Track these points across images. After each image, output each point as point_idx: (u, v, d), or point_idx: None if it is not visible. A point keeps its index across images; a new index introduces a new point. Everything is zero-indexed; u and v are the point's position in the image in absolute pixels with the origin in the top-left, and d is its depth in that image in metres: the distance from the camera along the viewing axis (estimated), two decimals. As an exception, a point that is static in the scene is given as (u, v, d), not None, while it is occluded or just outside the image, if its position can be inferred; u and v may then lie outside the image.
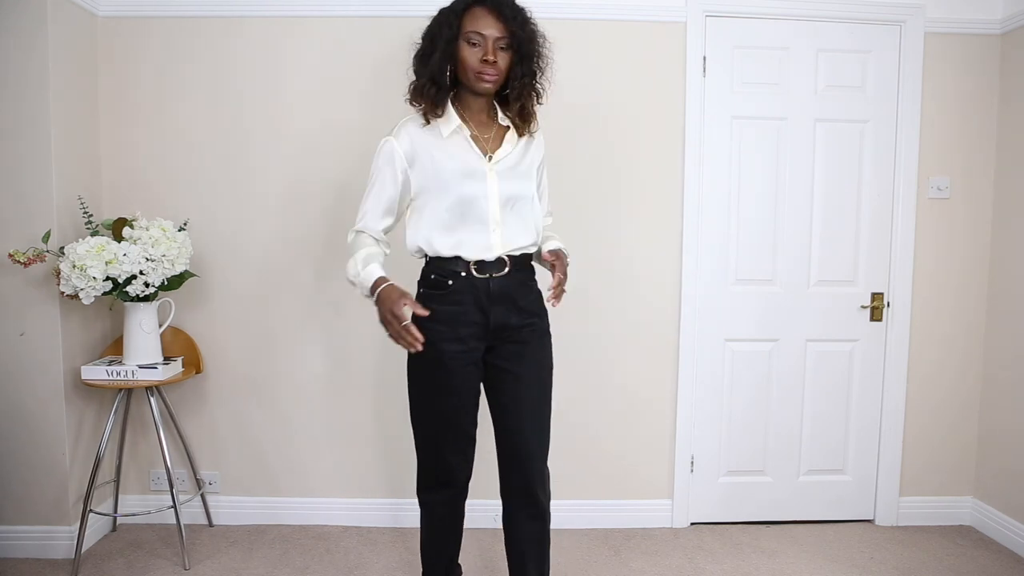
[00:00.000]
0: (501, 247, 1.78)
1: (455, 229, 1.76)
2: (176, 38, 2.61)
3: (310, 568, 2.45)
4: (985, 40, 2.70)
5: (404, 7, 2.58)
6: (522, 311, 1.83)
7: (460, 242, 1.76)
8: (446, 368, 1.77)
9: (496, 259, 1.77)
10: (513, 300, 1.80)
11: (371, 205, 1.81)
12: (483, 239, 1.76)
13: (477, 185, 1.75)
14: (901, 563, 2.53)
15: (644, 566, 2.49)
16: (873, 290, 2.78)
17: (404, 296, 1.64)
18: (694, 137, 2.66)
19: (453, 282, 1.76)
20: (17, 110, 2.33)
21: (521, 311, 1.82)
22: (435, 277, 1.79)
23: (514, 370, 1.83)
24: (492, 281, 1.77)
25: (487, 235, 1.77)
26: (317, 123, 2.65)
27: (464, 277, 1.76)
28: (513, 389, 1.84)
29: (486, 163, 1.77)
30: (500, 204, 1.77)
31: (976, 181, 2.75)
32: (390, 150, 1.79)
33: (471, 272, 1.76)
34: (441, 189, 1.75)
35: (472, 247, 1.76)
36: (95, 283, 2.25)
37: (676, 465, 2.78)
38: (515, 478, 1.86)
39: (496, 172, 1.77)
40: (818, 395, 2.81)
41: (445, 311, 1.75)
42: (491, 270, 1.77)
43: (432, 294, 1.79)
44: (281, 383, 2.74)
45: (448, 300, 1.76)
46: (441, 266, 1.78)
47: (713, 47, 2.65)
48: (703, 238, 2.71)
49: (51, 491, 2.46)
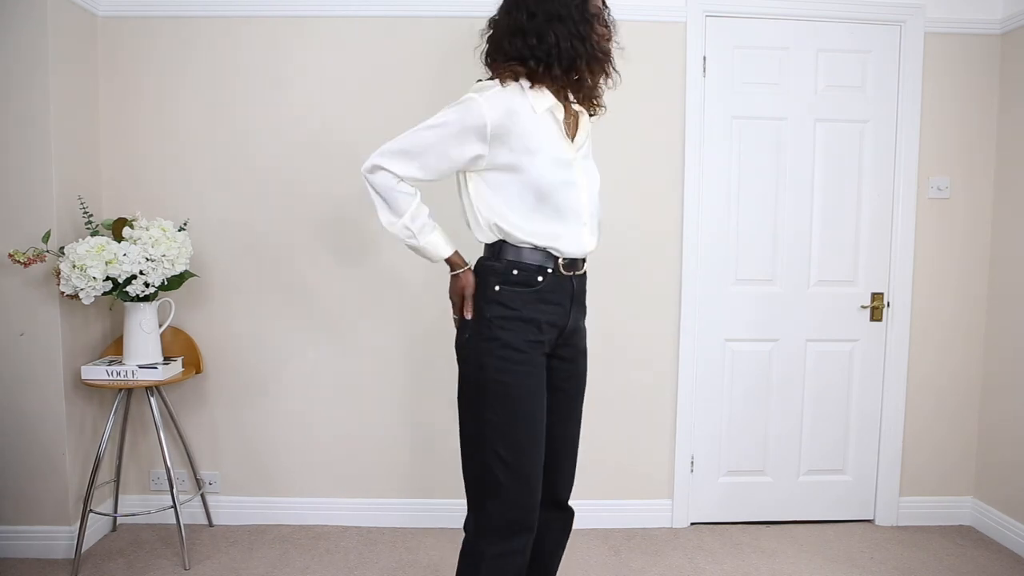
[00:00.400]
0: (591, 245, 1.64)
1: (550, 219, 1.56)
2: (176, 38, 2.61)
3: (310, 568, 2.45)
4: (985, 40, 2.70)
5: (404, 7, 2.59)
6: (585, 316, 1.72)
7: (556, 234, 1.57)
8: (531, 374, 1.56)
9: (583, 257, 1.64)
10: (583, 301, 1.69)
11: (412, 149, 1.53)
12: (577, 234, 1.60)
13: (569, 173, 1.57)
14: (901, 563, 2.53)
15: (644, 566, 2.48)
16: (873, 290, 2.78)
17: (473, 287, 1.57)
18: (694, 137, 2.66)
19: (543, 279, 1.57)
20: (17, 110, 2.33)
21: (584, 316, 1.72)
22: (519, 273, 1.57)
23: (563, 387, 1.68)
24: (576, 280, 1.64)
25: (580, 229, 1.60)
26: (318, 123, 2.65)
27: (552, 274, 1.58)
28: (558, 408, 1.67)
29: (573, 149, 1.61)
30: (588, 196, 1.62)
31: (976, 181, 2.75)
32: (477, 116, 1.49)
33: (559, 269, 1.59)
34: (535, 171, 1.53)
35: (568, 241, 1.58)
36: (95, 283, 2.25)
37: (676, 465, 2.78)
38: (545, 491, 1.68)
39: (579, 159, 1.62)
40: (818, 395, 2.81)
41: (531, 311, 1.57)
42: (575, 268, 1.63)
43: (515, 293, 1.57)
44: (281, 383, 2.74)
45: (535, 299, 1.57)
46: (526, 259, 1.57)
47: (713, 47, 2.65)
48: (703, 238, 2.71)
49: (51, 491, 2.46)
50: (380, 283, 2.70)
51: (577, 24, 1.52)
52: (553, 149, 1.55)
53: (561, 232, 1.57)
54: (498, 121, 1.50)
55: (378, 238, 2.68)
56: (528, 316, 1.56)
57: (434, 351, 2.66)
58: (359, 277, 2.70)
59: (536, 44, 1.52)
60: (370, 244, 2.68)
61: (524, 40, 1.53)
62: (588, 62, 1.56)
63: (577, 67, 1.55)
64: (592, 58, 1.56)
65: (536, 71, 1.54)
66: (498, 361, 1.54)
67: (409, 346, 2.71)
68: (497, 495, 1.55)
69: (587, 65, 1.56)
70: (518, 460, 1.54)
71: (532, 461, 1.56)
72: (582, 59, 1.54)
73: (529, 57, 1.53)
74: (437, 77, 2.60)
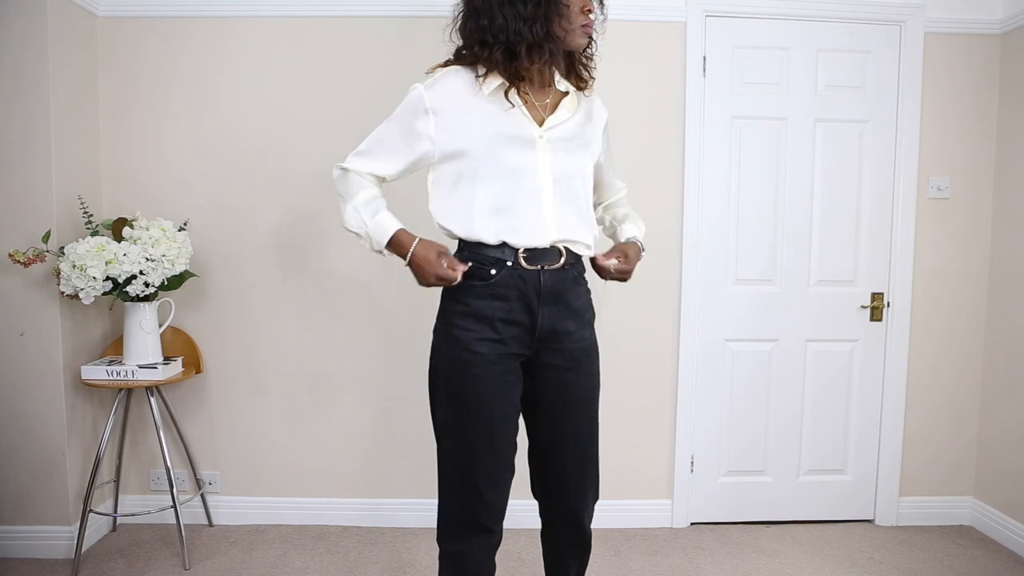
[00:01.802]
0: (556, 232, 1.50)
1: (500, 210, 1.48)
2: (176, 38, 2.61)
3: (310, 568, 2.45)
4: (985, 40, 2.70)
5: (404, 7, 2.59)
6: (576, 316, 1.57)
7: (508, 226, 1.47)
8: (482, 376, 1.48)
9: (551, 247, 1.50)
10: (566, 301, 1.54)
11: (369, 147, 1.55)
12: (535, 221, 1.48)
13: (526, 155, 1.47)
14: (901, 563, 2.53)
15: (644, 566, 2.48)
16: (873, 290, 2.78)
17: (442, 254, 1.45)
18: (694, 137, 2.66)
19: (496, 272, 1.48)
20: (17, 110, 2.33)
21: (575, 315, 1.56)
22: (474, 265, 1.49)
23: (551, 397, 1.56)
24: (543, 275, 1.50)
25: (540, 216, 1.49)
26: (318, 123, 2.64)
27: (511, 268, 1.48)
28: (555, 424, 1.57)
29: (537, 129, 1.50)
30: (553, 180, 1.50)
31: (976, 181, 2.75)
32: (417, 101, 1.49)
33: (519, 262, 1.48)
34: (481, 158, 1.46)
35: (522, 232, 1.48)
36: (95, 283, 2.25)
37: (676, 465, 2.78)
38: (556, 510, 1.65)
39: (548, 141, 1.50)
40: (818, 395, 2.81)
41: (484, 306, 1.48)
42: (543, 261, 1.49)
43: (469, 286, 1.49)
44: (281, 383, 2.74)
45: (488, 294, 1.48)
46: (481, 252, 1.49)
47: (713, 47, 2.65)
48: (703, 238, 2.71)
49: (51, 491, 2.46)
50: (380, 283, 2.70)
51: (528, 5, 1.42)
52: (505, 129, 1.47)
53: (513, 223, 1.48)
54: (437, 105, 1.48)
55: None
56: (480, 312, 1.48)
57: (434, 351, 2.66)
58: (359, 277, 2.70)
59: (487, 25, 1.44)
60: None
61: (477, 21, 1.47)
62: (529, 48, 1.44)
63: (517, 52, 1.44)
64: (535, 44, 1.44)
65: (481, 56, 1.47)
66: (451, 361, 1.50)
67: (409, 346, 2.71)
68: (450, 494, 1.57)
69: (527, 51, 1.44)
70: (468, 463, 1.52)
71: (484, 467, 1.51)
72: (523, 44, 1.43)
73: (477, 41, 1.47)
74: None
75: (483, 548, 1.57)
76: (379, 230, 1.50)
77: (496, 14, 1.43)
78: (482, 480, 1.52)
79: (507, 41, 1.44)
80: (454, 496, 1.56)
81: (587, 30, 1.49)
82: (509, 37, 1.43)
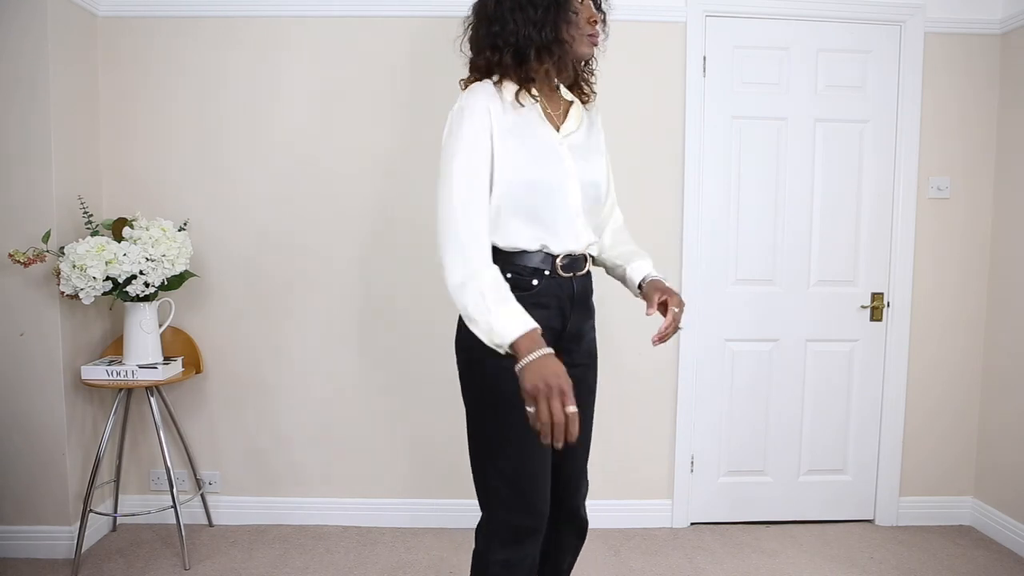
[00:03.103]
0: (587, 237, 1.55)
1: (536, 218, 1.48)
2: (176, 38, 2.61)
3: (310, 568, 2.45)
4: (985, 40, 2.70)
5: (407, 7, 2.59)
6: (591, 316, 1.64)
7: (545, 233, 1.49)
8: None
9: (582, 254, 1.55)
10: (587, 304, 1.62)
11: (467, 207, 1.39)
12: (570, 228, 1.51)
13: (555, 165, 1.49)
14: (901, 563, 2.53)
15: (644, 566, 2.48)
16: (873, 290, 2.78)
17: (565, 378, 1.27)
18: (694, 137, 2.66)
19: (537, 282, 1.50)
20: (17, 110, 2.33)
21: (590, 315, 1.64)
22: (513, 276, 1.48)
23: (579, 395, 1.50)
24: (575, 281, 1.55)
25: (573, 224, 1.51)
26: (318, 124, 2.64)
27: (549, 276, 1.51)
28: None
29: (558, 138, 1.52)
30: (581, 187, 1.52)
31: (976, 181, 2.75)
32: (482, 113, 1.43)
33: (556, 270, 1.51)
34: (516, 167, 1.45)
35: (559, 239, 1.50)
36: (95, 283, 2.25)
37: (676, 465, 2.78)
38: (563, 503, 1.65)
39: (568, 148, 1.53)
40: (818, 395, 2.81)
41: None
42: (575, 268, 1.54)
43: None
44: (281, 383, 2.74)
45: (531, 303, 1.44)
46: (519, 262, 1.49)
47: (713, 47, 2.65)
48: (703, 238, 2.71)
49: (51, 491, 2.46)
50: (380, 283, 2.70)
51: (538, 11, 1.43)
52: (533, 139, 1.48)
53: (550, 230, 1.49)
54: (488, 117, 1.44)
55: (379, 238, 2.68)
56: None
57: (434, 351, 2.66)
58: (359, 277, 2.70)
59: (498, 31, 1.46)
60: (371, 244, 2.68)
61: (488, 28, 1.48)
62: (538, 50, 1.45)
63: (526, 55, 1.45)
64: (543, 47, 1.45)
65: (492, 60, 1.48)
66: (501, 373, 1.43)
67: (409, 346, 2.71)
68: (500, 504, 1.52)
69: (535, 53, 1.46)
70: (518, 470, 1.49)
71: (534, 470, 1.50)
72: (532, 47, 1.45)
73: (488, 46, 1.48)
74: (442, 76, 2.60)
75: (534, 549, 1.54)
76: (509, 326, 1.31)
77: (507, 19, 1.45)
78: (536, 484, 1.51)
79: (516, 44, 1.46)
80: (501, 506, 1.52)
81: (593, 40, 1.53)
82: (519, 40, 1.45)
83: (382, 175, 2.66)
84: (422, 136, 2.59)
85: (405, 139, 2.64)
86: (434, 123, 2.57)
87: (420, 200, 2.65)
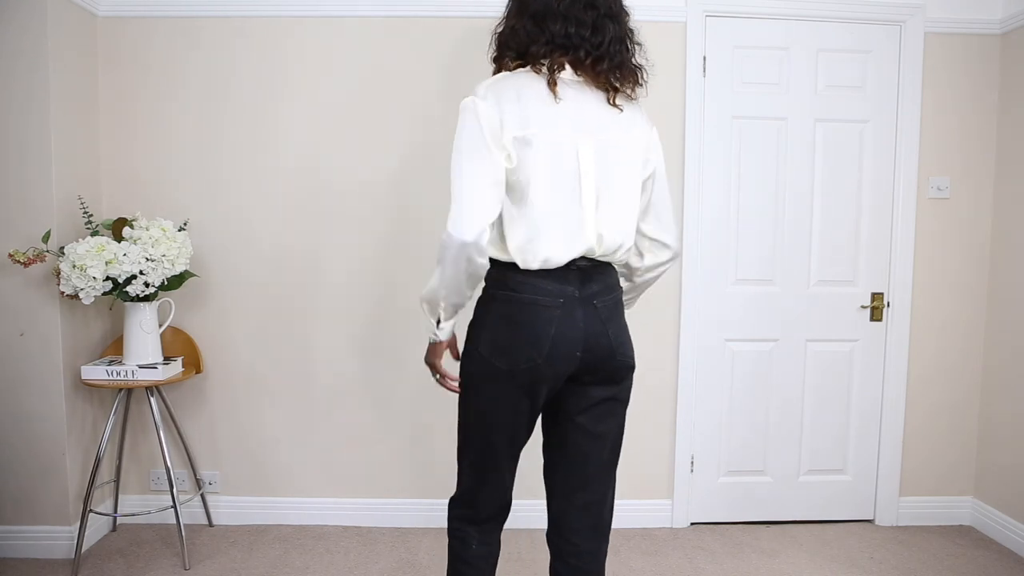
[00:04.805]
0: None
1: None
2: (176, 38, 2.61)
3: (310, 568, 2.45)
4: (985, 40, 2.70)
5: (410, 7, 2.58)
6: None
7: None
8: None
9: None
10: None
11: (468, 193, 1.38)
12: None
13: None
14: (901, 563, 2.53)
15: (644, 566, 2.49)
16: (873, 290, 2.78)
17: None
18: (694, 137, 2.66)
19: None
20: (17, 110, 2.33)
21: None
22: None
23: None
24: None
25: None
26: (318, 124, 2.64)
27: None
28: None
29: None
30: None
31: (976, 181, 2.75)
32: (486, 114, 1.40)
33: None
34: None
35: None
36: (95, 283, 2.25)
37: (676, 465, 2.78)
38: None
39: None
40: (818, 395, 2.81)
41: None
42: None
43: None
44: (281, 383, 2.74)
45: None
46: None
47: (713, 47, 2.65)
48: (703, 238, 2.71)
49: (51, 491, 2.46)
50: (380, 283, 2.70)
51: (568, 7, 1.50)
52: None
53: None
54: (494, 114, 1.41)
55: (378, 238, 2.68)
56: None
57: (434, 351, 2.66)
58: (359, 277, 2.70)
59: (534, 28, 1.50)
60: (371, 244, 2.68)
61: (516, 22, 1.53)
62: None
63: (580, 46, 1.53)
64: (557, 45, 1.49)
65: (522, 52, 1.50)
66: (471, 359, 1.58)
67: (409, 345, 2.71)
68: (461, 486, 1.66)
69: None
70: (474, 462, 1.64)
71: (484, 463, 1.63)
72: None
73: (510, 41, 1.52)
74: (443, 76, 2.60)
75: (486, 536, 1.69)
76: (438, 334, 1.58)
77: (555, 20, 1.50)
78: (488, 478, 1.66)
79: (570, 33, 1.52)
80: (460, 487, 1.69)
81: None
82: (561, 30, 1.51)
83: (382, 175, 2.66)
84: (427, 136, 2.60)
85: (412, 138, 2.64)
86: (433, 123, 2.58)
87: (420, 200, 2.66)
